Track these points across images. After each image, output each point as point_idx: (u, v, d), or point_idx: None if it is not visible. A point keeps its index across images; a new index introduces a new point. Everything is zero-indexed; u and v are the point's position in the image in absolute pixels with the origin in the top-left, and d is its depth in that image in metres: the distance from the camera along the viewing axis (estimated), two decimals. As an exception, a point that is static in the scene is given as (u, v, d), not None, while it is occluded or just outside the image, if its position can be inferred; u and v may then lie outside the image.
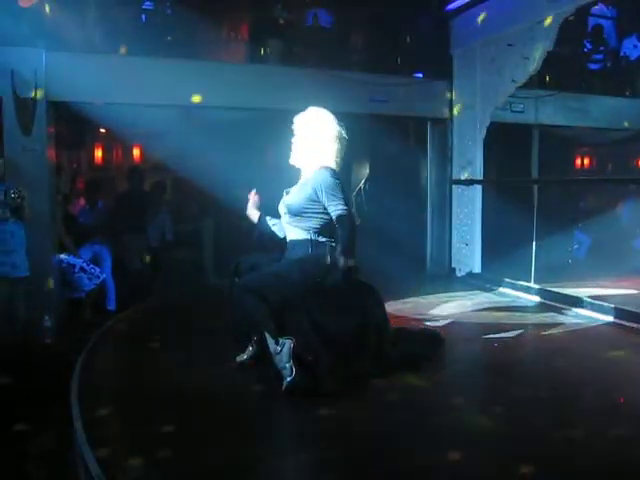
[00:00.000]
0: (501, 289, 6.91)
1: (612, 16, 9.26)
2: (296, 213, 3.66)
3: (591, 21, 9.11)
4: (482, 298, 6.58)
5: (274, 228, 3.93)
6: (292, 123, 3.82)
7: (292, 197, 3.71)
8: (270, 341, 3.47)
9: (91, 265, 6.58)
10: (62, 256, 6.42)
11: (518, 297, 6.55)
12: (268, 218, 3.96)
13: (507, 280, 6.92)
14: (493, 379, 4.04)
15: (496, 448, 2.92)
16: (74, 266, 6.45)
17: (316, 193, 3.58)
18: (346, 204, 3.56)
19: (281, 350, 3.40)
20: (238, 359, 3.90)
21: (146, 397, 3.55)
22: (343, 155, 3.77)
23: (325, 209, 3.60)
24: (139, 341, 4.83)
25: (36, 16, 5.96)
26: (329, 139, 3.70)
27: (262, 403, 3.47)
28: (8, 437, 3.62)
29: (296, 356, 3.39)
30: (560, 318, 5.59)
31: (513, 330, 5.10)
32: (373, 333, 3.81)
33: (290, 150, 3.82)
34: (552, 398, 3.55)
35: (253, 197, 4.00)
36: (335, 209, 3.54)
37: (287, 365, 3.38)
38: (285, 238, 3.81)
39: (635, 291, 6.54)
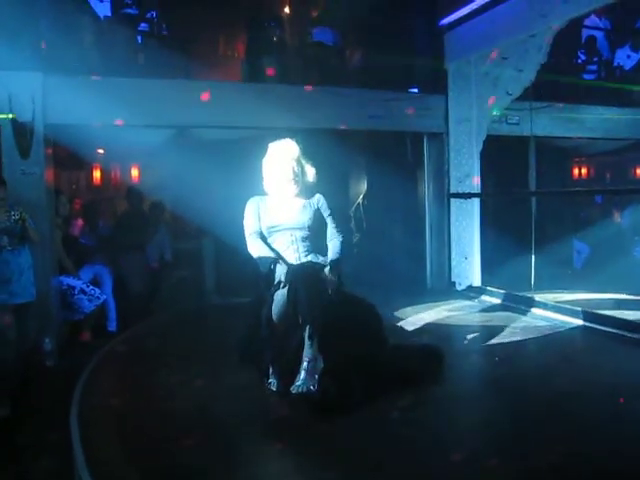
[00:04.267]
0: (501, 301, 6.90)
1: (604, 27, 9.34)
2: (306, 228, 3.90)
3: (584, 32, 9.20)
4: (483, 311, 6.57)
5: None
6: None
7: (301, 216, 3.93)
8: (315, 348, 3.50)
9: (91, 287, 6.58)
10: (62, 278, 6.42)
11: (519, 309, 6.52)
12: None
13: (507, 292, 6.91)
14: (495, 393, 4.03)
15: (499, 462, 2.90)
16: (74, 288, 6.44)
17: (321, 215, 4.02)
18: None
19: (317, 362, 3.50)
20: (273, 387, 3.72)
21: (147, 420, 3.53)
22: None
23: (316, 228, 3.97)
24: (140, 362, 4.81)
25: (33, 40, 6.01)
26: (307, 165, 4.07)
27: (263, 422, 3.46)
28: (8, 459, 3.61)
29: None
30: (559, 329, 5.59)
31: (514, 343, 5.10)
32: (372, 348, 3.81)
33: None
34: (557, 411, 3.54)
35: None
36: (336, 230, 4.06)
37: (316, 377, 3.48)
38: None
39: (636, 299, 6.53)
